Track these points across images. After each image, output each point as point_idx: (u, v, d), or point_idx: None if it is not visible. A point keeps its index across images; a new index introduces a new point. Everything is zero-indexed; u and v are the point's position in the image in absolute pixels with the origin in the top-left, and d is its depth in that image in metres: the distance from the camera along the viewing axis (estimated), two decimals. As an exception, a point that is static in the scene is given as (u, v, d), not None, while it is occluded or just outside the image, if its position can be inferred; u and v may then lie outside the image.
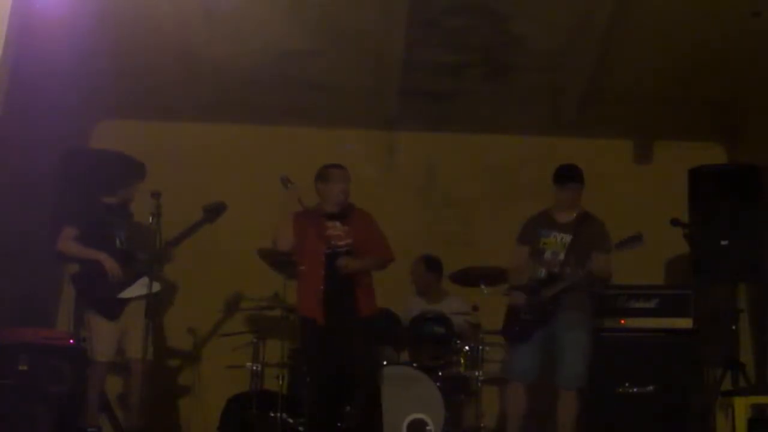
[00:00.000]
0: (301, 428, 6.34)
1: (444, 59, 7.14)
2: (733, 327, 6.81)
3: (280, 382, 6.49)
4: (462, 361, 6.65)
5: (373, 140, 8.04)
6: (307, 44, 6.85)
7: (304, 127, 7.91)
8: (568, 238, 5.92)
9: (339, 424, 6.13)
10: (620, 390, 6.45)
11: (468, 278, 6.87)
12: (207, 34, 6.65)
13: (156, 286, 5.84)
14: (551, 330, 5.81)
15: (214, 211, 6.09)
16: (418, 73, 7.30)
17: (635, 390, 6.45)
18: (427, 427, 6.27)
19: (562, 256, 5.88)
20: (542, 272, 5.90)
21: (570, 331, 5.79)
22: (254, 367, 6.71)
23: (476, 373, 6.58)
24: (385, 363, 6.45)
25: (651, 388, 6.44)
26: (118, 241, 6.08)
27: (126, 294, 5.96)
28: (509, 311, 6.02)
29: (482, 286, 6.77)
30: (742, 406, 5.65)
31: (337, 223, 5.98)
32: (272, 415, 6.40)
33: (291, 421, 6.37)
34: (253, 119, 7.90)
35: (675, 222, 6.77)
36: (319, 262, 5.92)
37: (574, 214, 6.01)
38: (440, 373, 6.54)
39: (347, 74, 7.27)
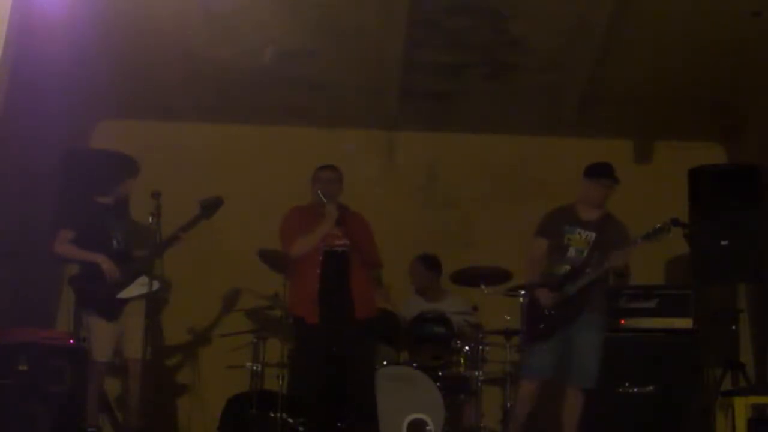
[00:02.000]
0: (301, 428, 6.33)
1: (444, 59, 7.14)
2: (733, 327, 6.81)
3: (280, 382, 6.49)
4: (462, 361, 6.65)
5: (373, 140, 8.04)
6: (307, 44, 6.85)
7: (304, 127, 7.91)
8: (592, 236, 5.86)
9: (339, 424, 6.13)
10: (620, 390, 6.45)
11: (468, 278, 6.87)
12: (207, 34, 6.65)
13: (155, 285, 5.83)
14: (569, 329, 5.79)
15: (211, 207, 6.06)
16: (418, 73, 7.29)
17: (635, 390, 6.45)
18: (427, 427, 6.27)
19: (585, 254, 5.84)
20: (566, 269, 5.86)
21: (586, 331, 5.78)
22: (254, 367, 6.70)
23: (476, 373, 6.58)
24: (385, 363, 6.45)
25: (651, 388, 6.44)
26: (115, 242, 6.07)
27: (124, 294, 5.95)
28: (529, 308, 5.97)
29: (482, 286, 6.77)
30: (742, 406, 5.65)
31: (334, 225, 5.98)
32: (272, 415, 6.39)
33: (291, 421, 6.36)
34: (253, 119, 7.90)
35: (675, 222, 6.76)
36: (316, 260, 5.91)
37: (599, 213, 5.94)
38: (440, 373, 6.53)
39: (347, 74, 7.27)
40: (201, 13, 6.41)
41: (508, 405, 6.64)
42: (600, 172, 5.93)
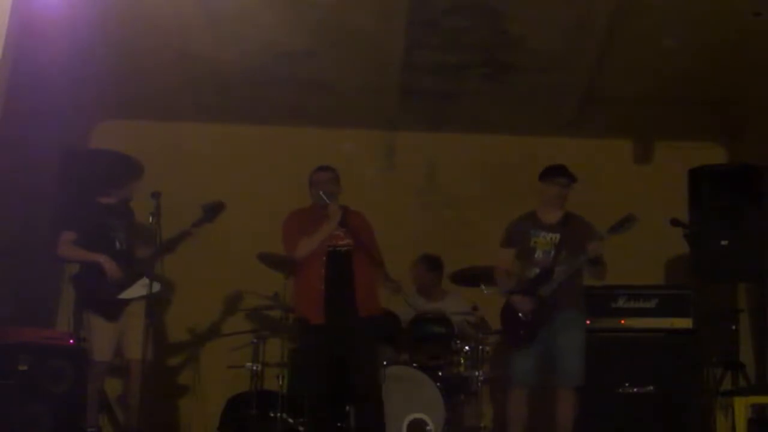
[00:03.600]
0: (301, 428, 6.34)
1: (444, 59, 7.13)
2: (733, 327, 6.81)
3: (280, 382, 6.50)
4: (462, 361, 6.65)
5: (373, 140, 8.04)
6: (307, 44, 6.84)
7: (304, 127, 7.91)
8: (557, 237, 5.93)
9: (339, 424, 6.13)
10: (620, 390, 6.45)
11: (468, 278, 6.87)
12: (207, 35, 6.65)
13: (155, 287, 5.83)
14: (549, 329, 5.81)
15: (213, 211, 6.08)
16: (418, 73, 7.29)
17: (635, 390, 6.45)
18: (427, 427, 6.27)
19: (552, 255, 5.90)
20: (535, 271, 5.92)
21: (567, 329, 5.82)
22: (254, 367, 6.70)
23: (476, 373, 6.58)
24: (385, 363, 6.45)
25: (651, 388, 6.44)
26: (117, 243, 6.07)
27: (125, 295, 5.95)
28: (507, 315, 6.00)
29: (482, 286, 6.77)
30: (742, 406, 5.65)
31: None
32: (272, 415, 6.40)
33: (291, 421, 6.37)
34: (253, 119, 7.90)
35: (675, 222, 6.78)
36: (320, 261, 5.92)
37: (560, 215, 6.02)
38: (440, 373, 6.53)
39: (347, 74, 7.27)
40: (201, 13, 6.40)
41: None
42: (554, 172, 6.02)
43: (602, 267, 5.93)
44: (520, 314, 5.87)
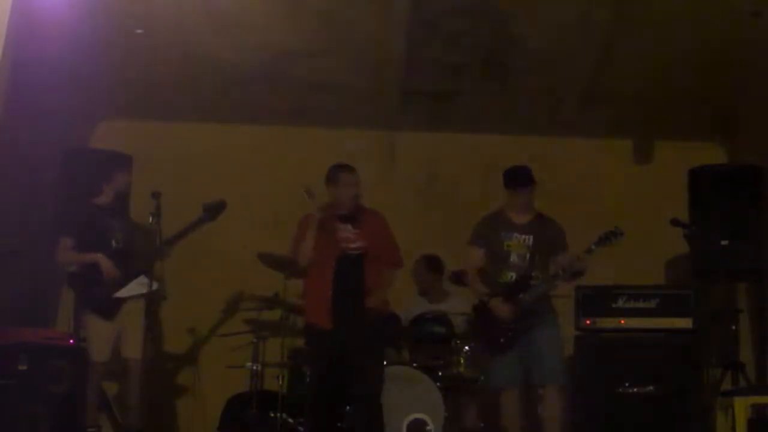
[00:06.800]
0: (301, 428, 6.34)
1: (444, 59, 7.13)
2: (733, 327, 6.81)
3: (280, 382, 6.50)
4: (462, 361, 6.65)
5: (373, 140, 8.03)
6: (307, 44, 6.84)
7: (304, 127, 7.91)
8: (530, 239, 5.89)
9: (339, 424, 6.13)
10: (620, 390, 6.45)
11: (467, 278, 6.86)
12: (207, 34, 6.65)
13: (154, 285, 5.83)
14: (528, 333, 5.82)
15: (215, 209, 6.08)
16: (418, 73, 7.29)
17: (635, 390, 6.44)
18: (427, 427, 6.27)
19: (527, 259, 5.86)
20: (512, 276, 5.88)
21: (545, 329, 5.81)
22: (254, 367, 6.71)
23: (476, 373, 6.58)
24: (385, 363, 6.45)
25: (651, 388, 6.43)
26: (113, 241, 6.06)
27: (122, 293, 5.95)
28: (484, 321, 5.94)
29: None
30: (742, 406, 5.65)
31: (349, 226, 5.95)
32: (272, 415, 6.41)
33: (291, 421, 6.37)
34: (253, 119, 7.90)
35: (675, 222, 6.77)
36: (329, 265, 5.89)
37: (531, 216, 5.98)
38: (440, 373, 6.53)
39: (347, 74, 7.27)
40: (201, 12, 6.41)
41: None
42: (518, 180, 5.97)
43: (582, 275, 5.92)
44: (502, 322, 5.81)
